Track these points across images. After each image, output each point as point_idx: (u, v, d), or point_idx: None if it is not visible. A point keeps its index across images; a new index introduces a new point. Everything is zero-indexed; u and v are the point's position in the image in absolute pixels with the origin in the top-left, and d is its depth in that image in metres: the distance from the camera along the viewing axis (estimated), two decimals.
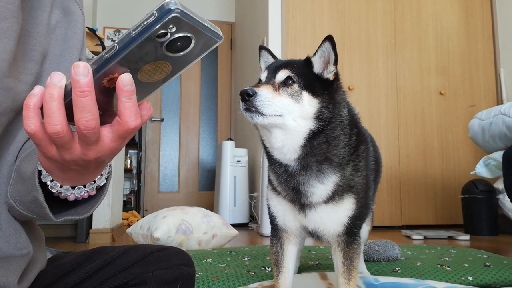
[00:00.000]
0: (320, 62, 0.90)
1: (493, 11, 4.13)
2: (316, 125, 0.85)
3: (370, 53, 3.80)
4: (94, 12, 4.90)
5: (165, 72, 0.45)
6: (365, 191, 0.94)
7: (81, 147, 0.49)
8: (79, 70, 0.42)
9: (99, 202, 0.64)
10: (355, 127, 0.92)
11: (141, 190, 5.05)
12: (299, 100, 0.85)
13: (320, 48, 0.88)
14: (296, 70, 0.87)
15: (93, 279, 0.75)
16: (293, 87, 0.85)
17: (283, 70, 0.87)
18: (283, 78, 0.86)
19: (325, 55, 0.89)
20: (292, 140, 0.85)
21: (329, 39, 0.87)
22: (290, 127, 0.84)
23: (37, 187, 0.56)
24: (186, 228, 2.15)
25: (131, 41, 0.40)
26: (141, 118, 0.48)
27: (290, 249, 1.00)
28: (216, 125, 5.50)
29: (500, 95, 3.97)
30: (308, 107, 0.85)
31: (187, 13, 0.39)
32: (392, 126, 3.78)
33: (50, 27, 0.71)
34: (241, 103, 0.82)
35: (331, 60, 0.88)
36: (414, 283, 1.18)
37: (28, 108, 0.46)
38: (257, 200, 3.79)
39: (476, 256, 1.72)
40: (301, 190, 0.89)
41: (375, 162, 1.06)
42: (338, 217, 0.91)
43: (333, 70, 0.89)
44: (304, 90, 0.85)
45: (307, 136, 0.85)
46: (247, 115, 0.82)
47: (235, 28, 5.57)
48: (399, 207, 3.70)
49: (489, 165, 2.74)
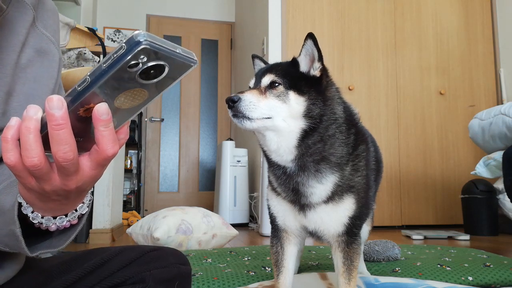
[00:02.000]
0: (306, 60, 0.91)
1: (493, 11, 4.13)
2: (306, 123, 0.85)
3: (370, 53, 3.80)
4: (94, 12, 4.90)
5: (142, 98, 0.45)
6: (366, 191, 0.94)
7: (61, 178, 0.49)
8: (53, 103, 0.42)
9: (77, 232, 0.63)
10: (353, 126, 0.92)
11: (141, 190, 5.05)
12: (286, 100, 0.85)
13: (303, 47, 0.90)
14: (280, 72, 0.88)
15: (90, 278, 0.75)
16: (278, 88, 0.86)
17: (268, 74, 0.88)
18: (268, 82, 0.87)
19: (309, 53, 0.90)
20: (286, 141, 0.85)
21: (310, 36, 0.89)
22: (281, 128, 0.85)
23: (15, 221, 0.55)
24: (186, 228, 2.15)
25: (103, 74, 0.41)
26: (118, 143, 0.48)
27: (290, 249, 1.00)
28: (216, 125, 5.50)
29: (500, 95, 3.97)
30: (296, 106, 0.85)
31: (156, 44, 0.40)
32: (392, 126, 3.78)
33: (19, 66, 0.70)
34: (229, 110, 0.83)
35: (315, 57, 0.89)
36: (414, 283, 1.18)
37: (7, 141, 0.45)
38: (257, 200, 3.79)
39: (476, 256, 1.72)
40: (301, 191, 0.89)
41: (375, 162, 1.06)
42: (338, 217, 0.90)
43: (319, 67, 0.89)
44: (290, 90, 0.86)
45: (299, 136, 0.85)
46: (236, 121, 0.84)
47: (235, 28, 5.57)
48: (399, 207, 3.70)
49: (489, 165, 2.74)
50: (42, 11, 0.75)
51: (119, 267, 0.77)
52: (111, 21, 5.25)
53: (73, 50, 2.10)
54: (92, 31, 2.26)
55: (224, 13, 5.64)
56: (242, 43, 5.07)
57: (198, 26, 5.54)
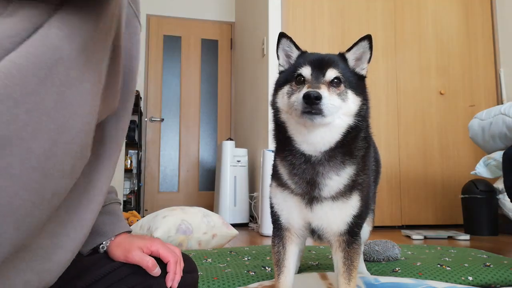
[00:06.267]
0: (354, 58, 0.93)
1: (493, 11, 4.13)
2: (355, 120, 0.88)
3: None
4: None
5: None
6: (368, 190, 0.95)
7: None
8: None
9: None
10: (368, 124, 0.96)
11: (141, 190, 5.05)
12: (345, 99, 0.87)
13: (356, 45, 0.92)
14: (341, 69, 0.90)
15: (99, 284, 0.76)
16: (341, 87, 0.88)
17: (331, 69, 0.88)
18: (332, 78, 0.88)
19: (359, 52, 0.93)
20: (331, 136, 0.87)
21: (368, 38, 0.92)
22: (335, 124, 0.86)
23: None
24: (186, 228, 2.15)
25: None
26: None
27: (292, 248, 0.99)
28: (216, 125, 5.50)
29: (500, 95, 3.97)
30: (352, 105, 0.88)
31: None
32: (392, 126, 3.78)
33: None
34: (303, 105, 0.81)
35: (365, 57, 0.93)
36: (414, 283, 1.18)
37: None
38: (257, 200, 3.79)
39: (476, 256, 1.72)
40: (317, 181, 0.89)
41: (375, 163, 1.07)
42: (344, 215, 0.91)
43: (365, 68, 0.94)
44: (349, 90, 0.88)
45: (345, 131, 0.87)
46: (307, 117, 0.83)
47: (235, 28, 5.57)
48: (399, 207, 3.70)
49: (489, 165, 2.74)
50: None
51: (127, 273, 0.79)
52: None
53: None
54: None
55: (224, 13, 5.64)
56: (242, 43, 5.07)
57: (198, 26, 5.54)
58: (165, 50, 5.40)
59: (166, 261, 0.81)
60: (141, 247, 0.80)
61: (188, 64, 5.47)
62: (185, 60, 5.47)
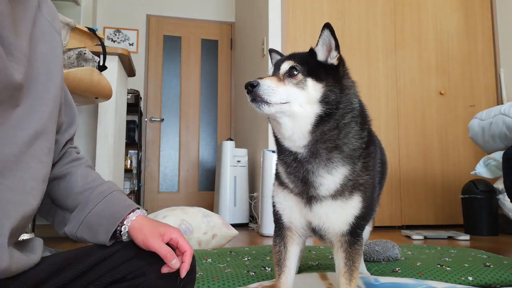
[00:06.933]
0: (323, 50, 0.92)
1: (493, 11, 4.13)
2: (322, 109, 0.86)
3: (370, 53, 3.80)
4: (94, 12, 4.89)
5: None
6: (372, 191, 0.94)
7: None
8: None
9: None
10: (366, 123, 0.94)
11: (141, 190, 5.05)
12: (304, 87, 0.87)
13: (320, 37, 0.91)
14: (299, 60, 0.90)
15: (91, 274, 0.76)
16: (298, 76, 0.88)
17: (287, 61, 0.90)
18: (287, 69, 0.89)
19: (326, 42, 0.91)
20: (300, 126, 0.87)
21: (327, 26, 0.90)
22: (297, 113, 0.86)
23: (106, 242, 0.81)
24: (186, 228, 2.15)
25: None
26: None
27: (293, 248, 0.99)
28: (216, 125, 5.50)
29: (500, 95, 3.97)
30: (313, 92, 0.87)
31: None
32: (392, 126, 3.78)
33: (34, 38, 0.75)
34: (247, 95, 0.85)
35: (332, 46, 0.91)
36: (414, 283, 1.18)
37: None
38: (257, 200, 3.79)
39: (476, 256, 1.72)
40: (310, 180, 0.89)
41: (381, 164, 1.07)
42: (345, 215, 0.91)
43: (336, 55, 0.91)
44: (308, 77, 0.87)
45: (314, 121, 0.86)
46: (254, 106, 0.85)
47: (235, 28, 5.57)
48: (399, 207, 3.70)
49: (489, 165, 2.74)
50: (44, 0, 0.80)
51: (120, 262, 0.78)
52: (111, 21, 5.25)
53: (73, 50, 2.10)
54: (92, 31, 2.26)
55: (224, 13, 5.64)
56: (242, 43, 5.07)
57: (198, 26, 5.53)
58: (165, 50, 5.40)
59: (183, 251, 0.81)
60: (162, 234, 0.80)
61: (188, 64, 5.47)
62: (185, 60, 5.47)
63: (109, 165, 2.61)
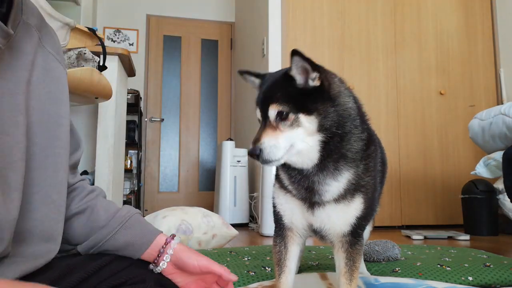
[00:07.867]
0: (300, 75, 0.85)
1: (493, 11, 4.13)
2: (323, 134, 0.85)
3: (370, 53, 3.80)
4: (94, 12, 4.89)
5: None
6: (373, 192, 0.94)
7: None
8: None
9: None
10: (364, 121, 0.92)
11: (141, 190, 5.05)
12: (299, 124, 0.83)
13: (292, 64, 0.84)
14: (282, 98, 0.84)
15: (92, 280, 0.76)
16: (289, 117, 0.83)
17: (271, 105, 0.84)
18: (275, 115, 0.84)
19: (300, 68, 0.85)
20: (308, 156, 0.86)
21: (295, 53, 0.82)
22: (302, 149, 0.85)
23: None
24: (186, 228, 2.15)
25: None
26: None
27: (293, 248, 0.99)
28: (216, 125, 5.50)
29: (500, 95, 3.97)
30: (308, 125, 0.83)
31: None
32: (392, 126, 3.78)
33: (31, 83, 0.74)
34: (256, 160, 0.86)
35: (308, 69, 0.84)
36: (414, 283, 1.18)
37: None
38: (257, 200, 3.79)
39: (476, 256, 1.72)
40: (315, 189, 0.88)
41: (381, 164, 1.06)
42: (347, 217, 0.90)
43: (315, 76, 0.85)
44: (299, 113, 0.83)
45: (319, 147, 0.85)
46: (265, 165, 0.86)
47: (235, 28, 5.57)
48: (399, 207, 3.70)
49: (489, 165, 2.74)
50: (46, 33, 0.79)
51: (120, 268, 0.78)
52: (111, 21, 5.25)
53: (73, 50, 2.10)
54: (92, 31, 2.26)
55: (224, 13, 5.64)
56: (242, 43, 5.07)
57: (198, 26, 5.53)
58: (165, 50, 5.41)
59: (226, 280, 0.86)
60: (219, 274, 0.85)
61: (188, 64, 5.47)
62: (185, 60, 5.47)
63: (109, 165, 2.61)
